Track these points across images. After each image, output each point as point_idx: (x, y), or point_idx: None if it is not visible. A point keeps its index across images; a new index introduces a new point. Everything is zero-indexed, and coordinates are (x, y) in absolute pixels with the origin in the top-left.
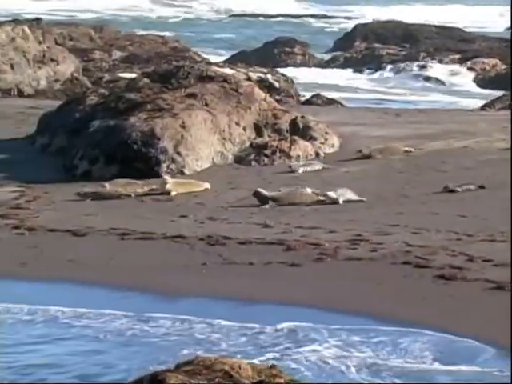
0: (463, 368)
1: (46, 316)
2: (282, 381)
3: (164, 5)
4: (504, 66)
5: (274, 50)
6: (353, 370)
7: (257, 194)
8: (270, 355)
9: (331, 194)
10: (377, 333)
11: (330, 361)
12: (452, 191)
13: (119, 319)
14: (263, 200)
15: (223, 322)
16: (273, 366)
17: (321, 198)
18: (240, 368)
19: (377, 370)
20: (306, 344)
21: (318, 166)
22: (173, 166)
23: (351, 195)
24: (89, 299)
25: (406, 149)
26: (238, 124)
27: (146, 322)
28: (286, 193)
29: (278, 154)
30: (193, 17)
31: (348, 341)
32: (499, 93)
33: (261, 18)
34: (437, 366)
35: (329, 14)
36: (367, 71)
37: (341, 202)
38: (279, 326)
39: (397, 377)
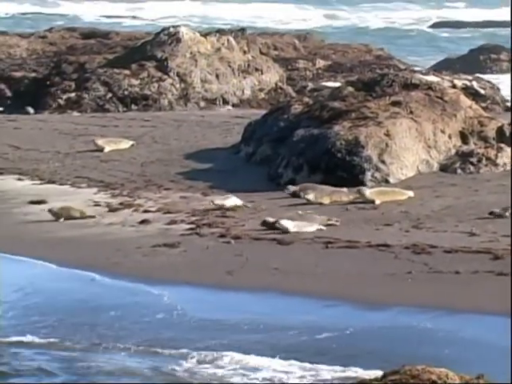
0: None
1: (253, 325)
2: None
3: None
4: None
5: (480, 57)
6: None
7: (265, 223)
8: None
9: (283, 222)
10: None
11: None
12: None
13: (321, 328)
14: (271, 226)
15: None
16: (480, 376)
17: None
18: (447, 377)
19: None
20: None
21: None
22: (377, 175)
23: (309, 227)
24: (293, 307)
25: None
26: (443, 132)
27: (352, 333)
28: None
29: (484, 161)
30: (395, 26)
31: None
32: None
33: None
34: None
35: None
36: None
37: (291, 230)
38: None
39: None
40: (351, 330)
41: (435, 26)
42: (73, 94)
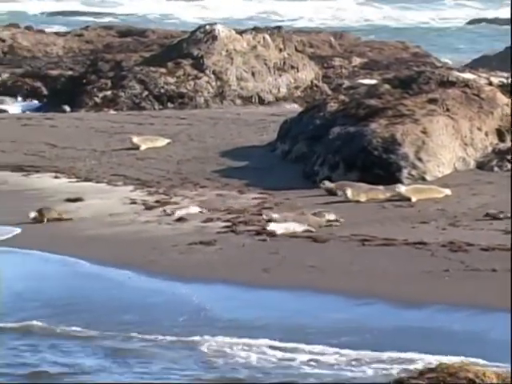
0: None
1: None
2: None
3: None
4: None
5: None
6: None
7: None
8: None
9: (271, 226)
10: None
11: None
12: None
13: (359, 327)
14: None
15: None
16: None
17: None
18: (484, 375)
19: None
20: None
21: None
22: (414, 172)
23: (295, 227)
24: (328, 305)
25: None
26: (479, 129)
27: (388, 330)
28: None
29: None
30: (433, 25)
31: None
32: None
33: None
34: None
35: None
36: None
37: (278, 232)
38: None
39: None
40: (388, 327)
41: (472, 22)
42: (109, 92)
